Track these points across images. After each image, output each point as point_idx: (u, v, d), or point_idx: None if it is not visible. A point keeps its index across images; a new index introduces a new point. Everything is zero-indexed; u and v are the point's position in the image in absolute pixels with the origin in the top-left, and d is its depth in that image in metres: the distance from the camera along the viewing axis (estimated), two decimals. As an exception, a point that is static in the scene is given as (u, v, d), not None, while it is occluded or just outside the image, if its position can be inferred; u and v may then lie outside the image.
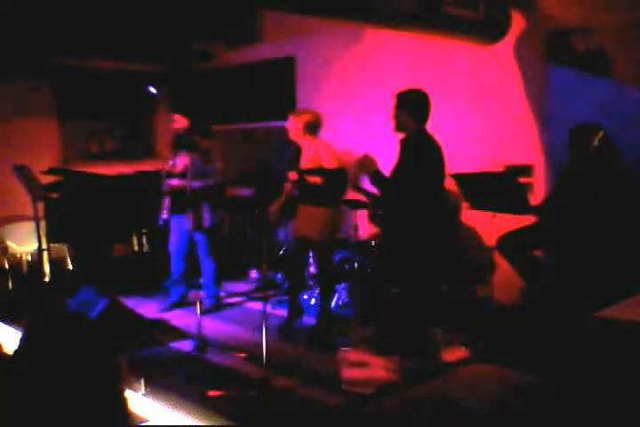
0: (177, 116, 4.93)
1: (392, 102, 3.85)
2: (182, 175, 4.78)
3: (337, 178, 4.31)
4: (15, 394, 1.05)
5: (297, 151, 4.48)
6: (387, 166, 3.86)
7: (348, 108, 5.84)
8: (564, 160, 4.05)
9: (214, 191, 4.90)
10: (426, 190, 3.79)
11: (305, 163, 4.37)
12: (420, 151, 3.78)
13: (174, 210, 4.89)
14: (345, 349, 4.04)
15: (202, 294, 5.01)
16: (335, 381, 3.53)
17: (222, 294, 5.39)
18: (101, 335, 1.15)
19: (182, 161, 4.82)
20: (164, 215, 4.94)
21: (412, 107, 3.81)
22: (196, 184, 4.75)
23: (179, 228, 4.98)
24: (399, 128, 3.86)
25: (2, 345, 2.09)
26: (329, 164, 4.24)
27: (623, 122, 4.11)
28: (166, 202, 4.94)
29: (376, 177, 3.81)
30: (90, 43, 5.96)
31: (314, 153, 4.31)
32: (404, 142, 3.85)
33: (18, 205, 5.68)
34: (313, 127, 4.36)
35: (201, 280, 5.15)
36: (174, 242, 5.06)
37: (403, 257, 3.94)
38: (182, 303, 5.15)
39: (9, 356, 1.18)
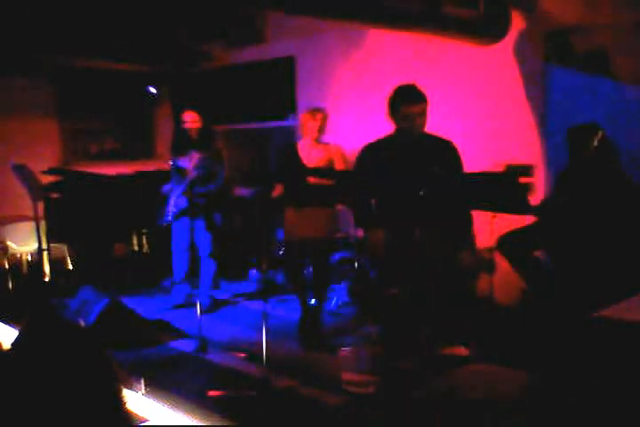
0: (192, 115, 4.84)
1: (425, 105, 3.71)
2: (199, 177, 4.76)
3: (347, 180, 4.31)
4: (9, 395, 1.04)
5: (291, 152, 4.39)
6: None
7: (347, 108, 5.84)
8: (564, 160, 4.05)
9: (223, 192, 4.91)
10: None
11: (313, 164, 4.33)
12: None
13: (183, 211, 4.84)
14: (345, 349, 4.04)
15: (198, 294, 5.01)
16: (335, 381, 3.53)
17: (223, 295, 5.39)
18: (95, 335, 1.15)
19: (193, 162, 4.77)
20: (169, 217, 4.88)
21: None
22: (211, 186, 4.75)
23: (183, 229, 4.97)
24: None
25: (2, 345, 2.09)
26: (340, 167, 4.29)
27: (623, 122, 4.11)
28: (172, 203, 4.88)
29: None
30: (90, 43, 5.95)
31: (326, 156, 4.30)
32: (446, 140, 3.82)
33: (18, 205, 5.68)
34: (324, 128, 4.37)
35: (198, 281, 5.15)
36: (178, 243, 5.04)
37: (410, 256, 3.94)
38: (185, 304, 5.15)
39: (3, 355, 1.17)
